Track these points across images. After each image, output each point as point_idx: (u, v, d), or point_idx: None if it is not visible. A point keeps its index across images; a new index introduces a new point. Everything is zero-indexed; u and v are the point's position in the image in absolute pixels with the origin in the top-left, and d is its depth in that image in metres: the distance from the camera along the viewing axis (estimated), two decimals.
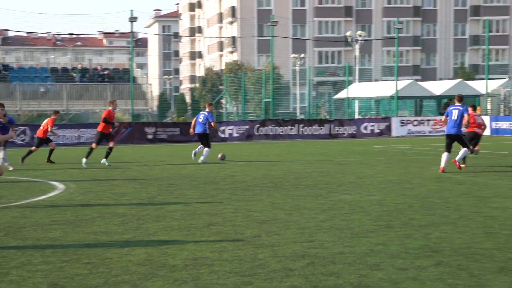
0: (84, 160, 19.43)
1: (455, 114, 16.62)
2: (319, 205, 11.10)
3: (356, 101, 50.07)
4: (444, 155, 16.73)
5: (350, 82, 50.23)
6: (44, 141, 21.32)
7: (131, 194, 12.81)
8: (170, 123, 41.52)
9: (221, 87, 61.36)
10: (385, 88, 45.99)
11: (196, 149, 21.34)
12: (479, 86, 45.63)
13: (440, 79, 71.03)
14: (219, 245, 7.85)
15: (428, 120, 39.89)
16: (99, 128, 19.85)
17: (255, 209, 10.73)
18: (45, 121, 21.77)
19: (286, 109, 63.95)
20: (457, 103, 16.87)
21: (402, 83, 44.16)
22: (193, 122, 21.21)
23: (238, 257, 7.19)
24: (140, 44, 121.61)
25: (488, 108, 41.10)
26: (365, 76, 65.57)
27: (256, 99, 54.65)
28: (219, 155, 21.40)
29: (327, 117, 55.25)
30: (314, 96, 68.19)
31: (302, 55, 68.58)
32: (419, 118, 40.33)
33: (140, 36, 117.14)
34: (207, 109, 21.14)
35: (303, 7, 75.96)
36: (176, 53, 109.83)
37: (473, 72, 72.32)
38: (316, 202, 11.46)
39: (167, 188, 13.83)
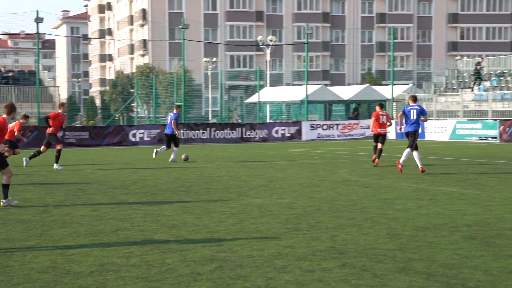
0: (56, 165, 19.45)
1: (413, 114, 17.66)
2: (229, 208, 11.14)
3: (268, 105, 50.56)
4: (406, 151, 17.69)
5: (261, 86, 50.66)
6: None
7: (36, 200, 12.43)
8: (79, 126, 40.60)
9: (132, 90, 60.55)
10: (295, 93, 46.68)
11: (159, 149, 22.56)
12: (385, 91, 47.06)
13: (349, 84, 72.80)
14: (127, 250, 7.74)
15: (337, 124, 40.76)
16: (49, 131, 19.52)
17: (164, 213, 10.64)
18: (12, 124, 20.23)
19: (198, 113, 63.87)
20: (412, 103, 17.95)
21: (312, 88, 44.95)
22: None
23: (146, 262, 7.12)
24: (48, 45, 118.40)
25: (393, 112, 42.41)
26: (276, 81, 66.35)
27: (167, 103, 54.25)
28: (183, 156, 22.27)
29: (239, 121, 55.51)
30: (226, 100, 68.45)
31: (214, 59, 68.69)
32: (328, 122, 41.13)
33: (47, 37, 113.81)
34: (174, 111, 22.47)
35: (215, 11, 76.11)
36: (86, 56, 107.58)
37: (379, 78, 74.53)
38: (226, 206, 11.49)
39: (74, 193, 13.50)
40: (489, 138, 34.75)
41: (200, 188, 14.36)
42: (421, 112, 17.68)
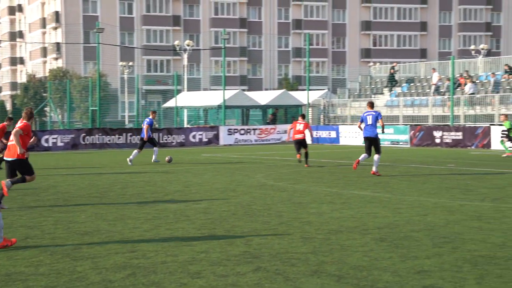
0: None
1: (370, 119, 18.19)
2: (144, 214, 11.01)
3: (185, 110, 50.34)
4: (363, 155, 18.31)
5: (179, 91, 50.40)
6: None
7: None
8: None
9: (45, 94, 58.95)
10: (213, 98, 46.70)
11: (131, 157, 23.05)
12: (301, 96, 47.77)
13: (266, 89, 73.46)
14: (36, 259, 7.52)
15: (254, 129, 41.05)
16: None
17: (77, 220, 10.41)
18: None
19: (114, 117, 62.81)
20: (369, 109, 18.60)
21: (230, 93, 45.11)
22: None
23: (56, 270, 6.94)
24: None
25: (309, 118, 43.07)
26: (194, 85, 66.15)
27: (82, 107, 53.12)
28: (166, 158, 23.62)
29: (156, 126, 54.97)
30: (143, 104, 67.62)
31: (131, 63, 67.81)
32: (245, 127, 41.36)
33: None
34: (150, 116, 24.27)
35: (131, 14, 75.18)
36: None
37: (296, 83, 75.55)
38: (141, 211, 11.36)
39: None
40: (400, 143, 35.82)
41: (114, 194, 14.13)
42: (377, 117, 18.25)
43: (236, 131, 40.03)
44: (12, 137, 11.24)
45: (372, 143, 18.19)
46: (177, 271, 6.93)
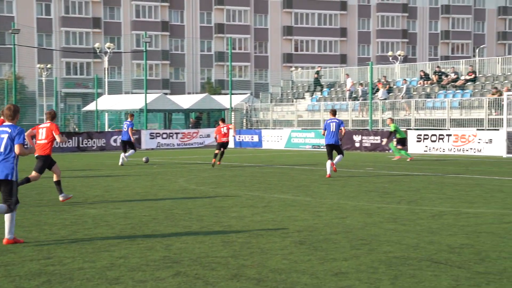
0: None
1: (332, 126, 18.98)
2: (62, 220, 10.77)
3: (106, 114, 49.54)
4: (328, 163, 18.92)
5: (99, 94, 49.57)
6: None
7: None
8: None
9: None
10: (135, 101, 46.17)
11: (124, 159, 24.43)
12: (224, 100, 47.87)
13: (189, 93, 73.23)
14: None
15: (177, 133, 40.83)
16: None
17: None
18: None
19: (32, 121, 61.07)
20: (332, 117, 19.36)
21: (152, 96, 44.72)
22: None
23: None
24: None
25: (232, 121, 43.19)
26: (115, 89, 65.23)
27: None
28: (143, 159, 25.18)
29: (76, 129, 53.92)
30: (62, 108, 66.19)
31: (49, 66, 66.16)
32: (168, 131, 41.09)
33: None
34: (129, 119, 25.24)
35: (49, 16, 73.35)
36: None
37: (219, 87, 75.67)
38: (58, 217, 11.10)
39: None
40: (321, 147, 36.39)
41: (30, 199, 13.75)
42: (340, 125, 19.03)
43: (158, 135, 39.71)
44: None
45: (333, 148, 19.00)
46: (95, 277, 6.81)
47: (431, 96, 37.56)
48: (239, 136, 40.50)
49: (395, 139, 27.77)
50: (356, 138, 35.11)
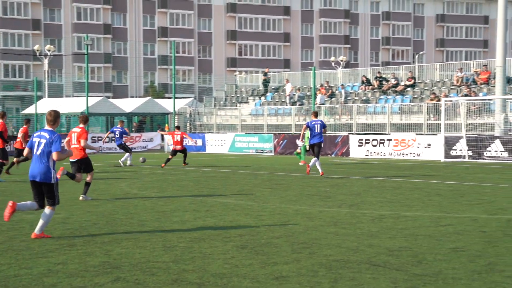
0: None
1: (317, 128, 20.53)
2: None
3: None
4: (317, 164, 20.27)
5: (39, 97, 48.59)
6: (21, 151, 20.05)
7: None
8: None
9: None
10: (76, 104, 45.44)
11: (128, 162, 26.16)
12: (167, 104, 47.57)
13: (132, 96, 72.45)
14: None
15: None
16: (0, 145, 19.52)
17: None
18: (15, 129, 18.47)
19: None
20: (314, 118, 20.98)
21: (94, 100, 44.07)
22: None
23: None
24: None
25: (175, 125, 42.92)
26: (56, 92, 64.04)
27: None
28: (140, 159, 26.89)
29: (15, 133, 52.60)
30: (0, 110, 64.48)
31: None
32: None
33: None
34: (119, 126, 27.66)
35: None
36: None
37: (162, 91, 75.15)
38: None
39: None
40: (265, 151, 36.57)
41: None
42: (323, 126, 20.74)
43: (100, 139, 39.14)
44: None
45: (316, 148, 20.43)
46: (31, 284, 6.67)
47: (372, 101, 38.20)
48: (302, 140, 40.37)
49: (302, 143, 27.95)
50: (299, 142, 35.34)
